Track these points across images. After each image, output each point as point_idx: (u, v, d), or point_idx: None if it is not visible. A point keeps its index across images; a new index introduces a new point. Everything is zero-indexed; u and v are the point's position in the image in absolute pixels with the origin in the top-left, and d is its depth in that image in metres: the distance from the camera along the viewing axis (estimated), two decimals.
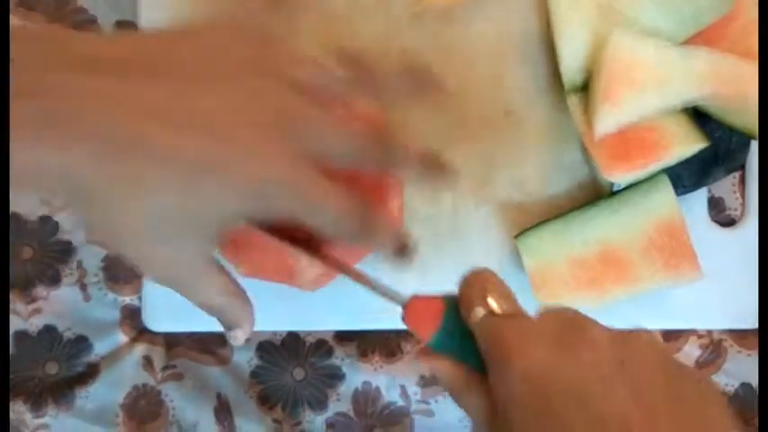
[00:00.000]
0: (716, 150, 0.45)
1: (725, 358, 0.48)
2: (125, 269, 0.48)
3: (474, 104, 0.46)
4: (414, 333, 0.33)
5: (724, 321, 0.48)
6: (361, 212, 0.31)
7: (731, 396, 0.48)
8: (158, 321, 0.48)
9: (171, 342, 0.49)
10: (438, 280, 0.46)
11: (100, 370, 0.48)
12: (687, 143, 0.43)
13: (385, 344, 0.49)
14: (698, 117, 0.44)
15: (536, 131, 0.47)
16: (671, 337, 0.49)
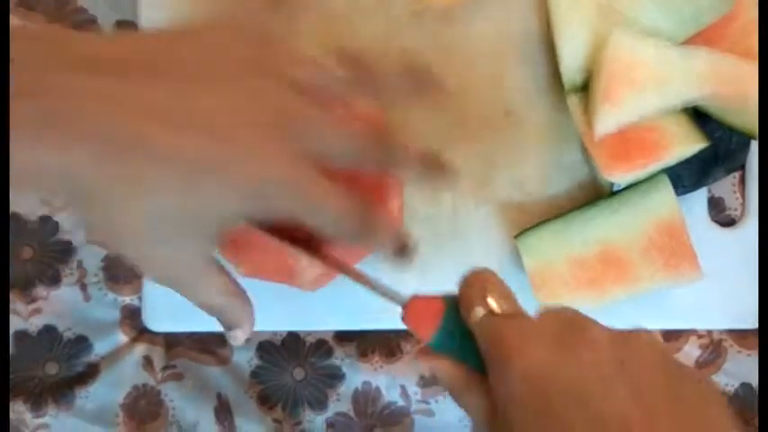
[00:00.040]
0: (716, 150, 0.45)
1: (725, 358, 0.48)
2: (125, 269, 0.48)
3: (474, 104, 0.47)
4: (414, 333, 0.33)
5: (724, 321, 0.48)
6: (361, 212, 0.31)
7: (731, 396, 0.48)
8: (158, 321, 0.48)
9: (171, 342, 0.49)
10: (438, 280, 0.46)
11: (100, 370, 0.48)
12: (687, 143, 0.43)
13: (385, 344, 0.49)
14: (698, 117, 0.44)
15: (536, 131, 0.47)
16: (671, 337, 0.49)
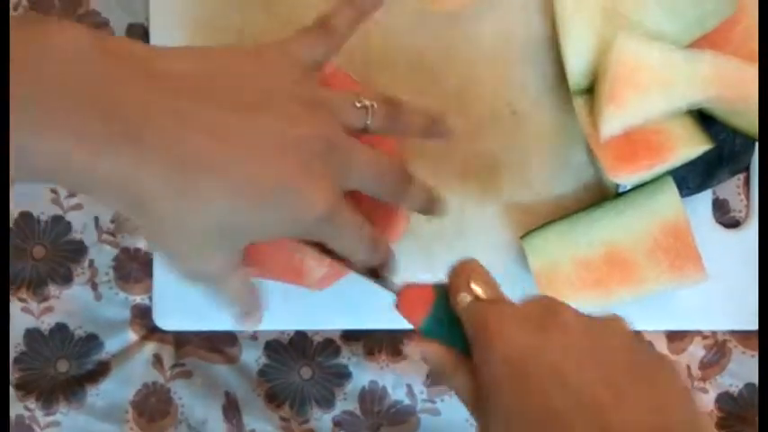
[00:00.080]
0: (720, 152, 0.45)
1: (729, 359, 0.49)
2: (136, 269, 0.49)
3: (480, 105, 0.47)
4: (406, 319, 0.35)
5: (728, 322, 0.48)
6: (373, 241, 0.35)
7: (735, 396, 0.49)
8: (168, 320, 0.48)
9: (180, 341, 0.49)
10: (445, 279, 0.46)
11: (110, 368, 0.49)
12: (692, 145, 0.43)
13: (391, 343, 0.49)
14: (703, 119, 0.45)
15: (542, 132, 0.47)
16: (675, 338, 0.49)
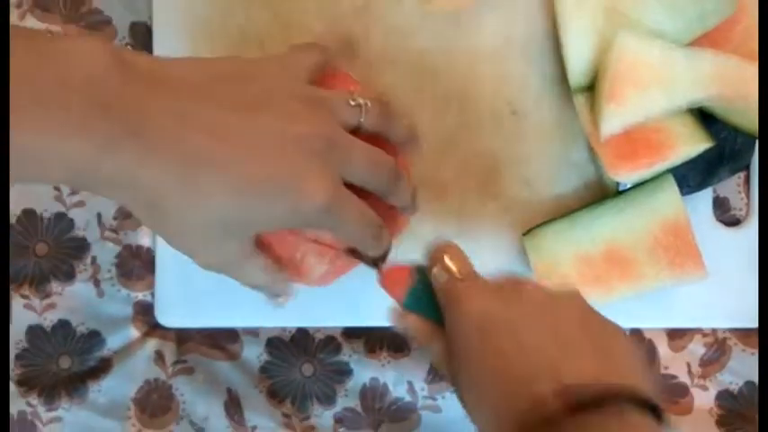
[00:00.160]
0: (721, 151, 0.46)
1: (729, 356, 0.49)
2: (138, 266, 0.49)
3: (481, 104, 0.47)
4: (389, 294, 0.39)
5: (728, 320, 0.48)
6: (376, 229, 0.36)
7: (735, 394, 0.49)
8: (170, 317, 0.48)
9: (182, 337, 0.49)
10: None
11: (112, 364, 0.49)
12: (692, 143, 0.44)
13: (392, 340, 0.49)
14: (703, 118, 0.45)
15: (543, 130, 0.47)
16: (676, 336, 0.49)
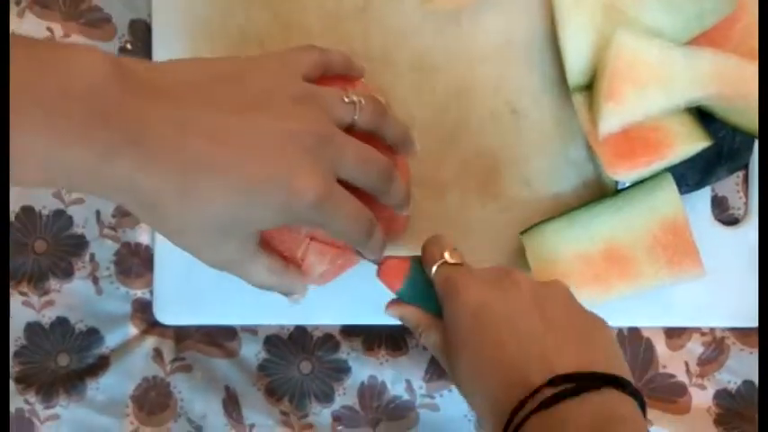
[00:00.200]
0: (719, 150, 0.46)
1: (727, 355, 0.49)
2: (137, 263, 0.49)
3: (480, 103, 0.47)
4: (386, 285, 0.40)
5: (727, 319, 0.48)
6: (369, 228, 0.37)
7: (733, 393, 0.49)
8: (169, 315, 0.48)
9: (180, 335, 0.49)
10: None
11: (110, 362, 0.49)
12: (691, 142, 0.44)
13: (391, 338, 0.49)
14: (702, 117, 0.45)
15: (542, 130, 0.47)
16: (674, 335, 0.49)
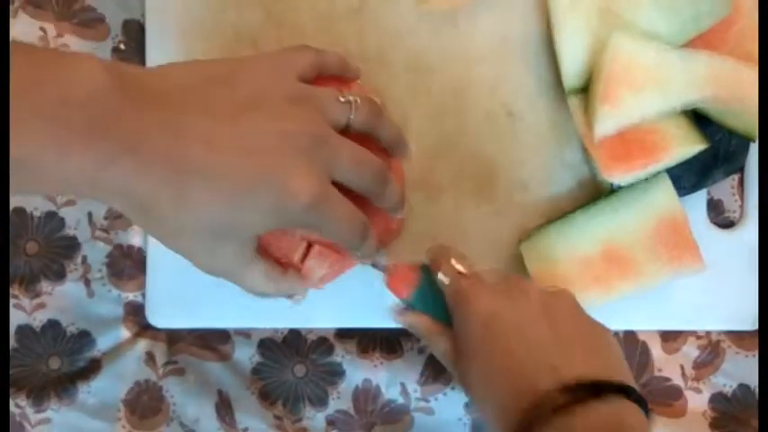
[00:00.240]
0: (716, 152, 0.46)
1: (723, 359, 0.49)
2: (129, 266, 0.49)
3: (476, 106, 0.47)
4: (394, 294, 0.41)
5: (722, 322, 0.48)
6: (363, 229, 0.37)
7: (729, 397, 0.49)
8: (161, 317, 0.48)
9: (173, 338, 0.49)
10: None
11: (102, 365, 0.49)
12: (687, 145, 0.44)
13: (385, 341, 0.49)
14: (698, 119, 0.45)
15: (538, 133, 0.47)
16: (669, 338, 0.49)
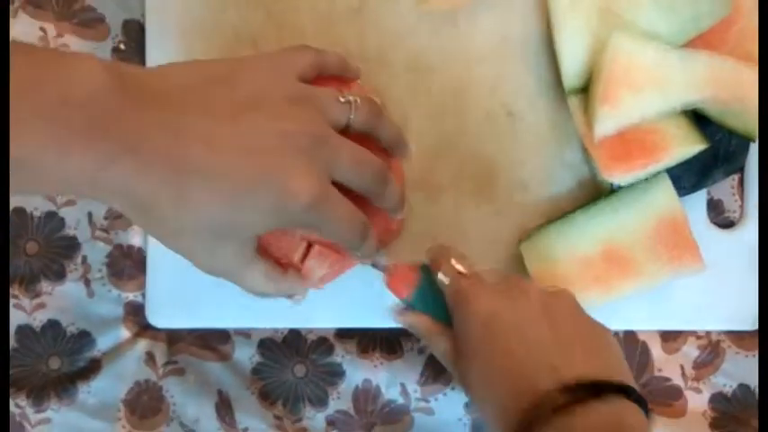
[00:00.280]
0: (716, 152, 0.45)
1: (723, 359, 0.49)
2: (129, 266, 0.49)
3: (476, 104, 0.47)
4: (394, 294, 0.40)
5: (722, 322, 0.48)
6: (362, 230, 0.36)
7: (728, 397, 0.49)
8: (161, 317, 0.48)
9: (173, 338, 0.49)
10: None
11: (102, 365, 0.49)
12: (686, 145, 0.44)
13: (385, 341, 0.49)
14: (698, 119, 0.45)
15: (538, 133, 0.47)
16: (669, 338, 0.49)
